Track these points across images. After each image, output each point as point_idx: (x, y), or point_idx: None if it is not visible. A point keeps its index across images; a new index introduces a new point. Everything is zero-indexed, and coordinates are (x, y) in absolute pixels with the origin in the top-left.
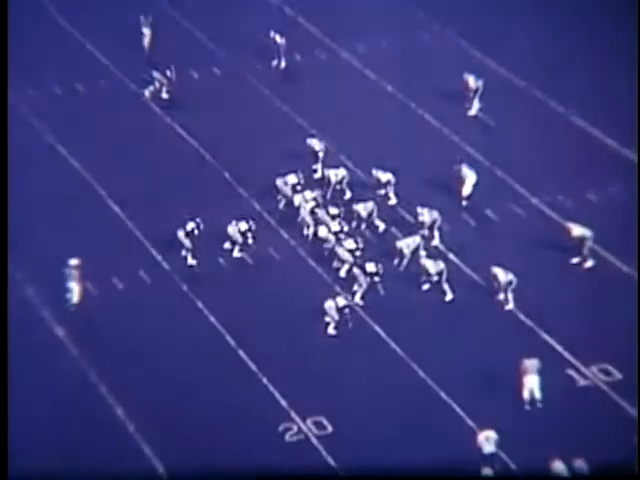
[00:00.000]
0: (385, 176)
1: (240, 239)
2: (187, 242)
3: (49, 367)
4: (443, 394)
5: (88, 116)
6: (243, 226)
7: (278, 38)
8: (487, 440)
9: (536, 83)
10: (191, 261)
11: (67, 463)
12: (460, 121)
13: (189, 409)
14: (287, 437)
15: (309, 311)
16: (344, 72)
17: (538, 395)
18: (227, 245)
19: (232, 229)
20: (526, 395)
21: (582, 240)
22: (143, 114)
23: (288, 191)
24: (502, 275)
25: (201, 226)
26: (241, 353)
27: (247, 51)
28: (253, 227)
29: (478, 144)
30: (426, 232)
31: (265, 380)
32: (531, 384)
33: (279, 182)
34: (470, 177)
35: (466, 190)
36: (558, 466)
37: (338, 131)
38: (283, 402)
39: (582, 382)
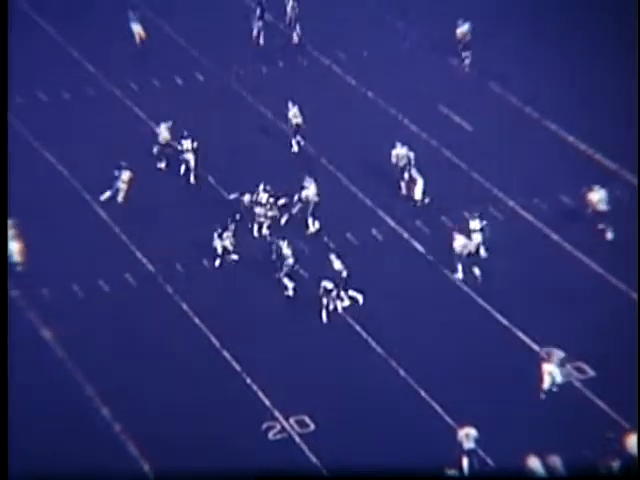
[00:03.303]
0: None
1: (227, 246)
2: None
3: (35, 369)
4: (423, 392)
5: (74, 122)
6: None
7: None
8: (467, 437)
9: (512, 89)
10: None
11: (52, 462)
12: (438, 126)
13: (174, 409)
14: (270, 435)
15: (292, 311)
16: (325, 78)
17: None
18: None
19: (216, 241)
20: (546, 385)
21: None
22: (128, 120)
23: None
24: (460, 242)
25: None
26: (225, 353)
27: (229, 57)
28: (232, 239)
29: (455, 148)
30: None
31: (249, 380)
32: (551, 373)
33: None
34: (419, 181)
35: (417, 194)
36: (533, 462)
37: (319, 135)
38: (266, 401)
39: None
